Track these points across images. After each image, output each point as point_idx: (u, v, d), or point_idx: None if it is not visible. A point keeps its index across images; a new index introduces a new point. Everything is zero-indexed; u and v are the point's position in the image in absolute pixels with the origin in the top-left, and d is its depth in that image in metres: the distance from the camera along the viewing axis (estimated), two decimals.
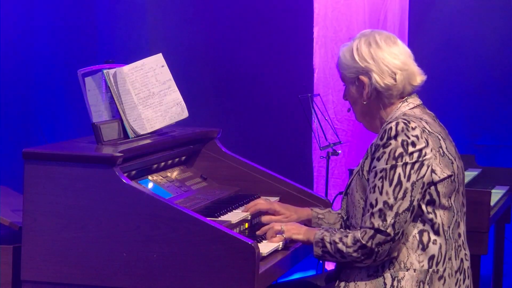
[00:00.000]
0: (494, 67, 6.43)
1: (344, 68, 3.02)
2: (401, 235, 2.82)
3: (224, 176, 3.70)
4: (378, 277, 2.88)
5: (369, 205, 2.84)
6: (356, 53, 2.98)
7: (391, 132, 2.84)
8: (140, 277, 2.90)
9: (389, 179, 2.82)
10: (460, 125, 6.49)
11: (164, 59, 3.48)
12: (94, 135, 3.19)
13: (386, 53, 2.96)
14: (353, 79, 3.00)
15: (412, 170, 2.82)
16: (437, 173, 2.86)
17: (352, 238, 2.84)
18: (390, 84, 2.96)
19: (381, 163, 2.84)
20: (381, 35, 3.01)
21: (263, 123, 6.43)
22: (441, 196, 2.87)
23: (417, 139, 2.84)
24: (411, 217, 2.84)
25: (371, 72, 2.96)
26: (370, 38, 2.99)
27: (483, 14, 6.43)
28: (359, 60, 2.97)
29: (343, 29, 5.70)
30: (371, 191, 2.85)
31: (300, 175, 5.38)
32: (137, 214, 2.91)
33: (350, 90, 3.03)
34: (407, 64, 2.98)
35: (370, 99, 2.99)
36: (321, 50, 5.73)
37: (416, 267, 2.87)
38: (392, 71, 2.95)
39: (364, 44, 2.98)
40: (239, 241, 2.82)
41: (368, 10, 5.75)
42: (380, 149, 2.85)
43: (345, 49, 3.03)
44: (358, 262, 2.87)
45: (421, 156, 2.83)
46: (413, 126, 2.85)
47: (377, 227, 2.81)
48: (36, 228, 2.99)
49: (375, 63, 2.95)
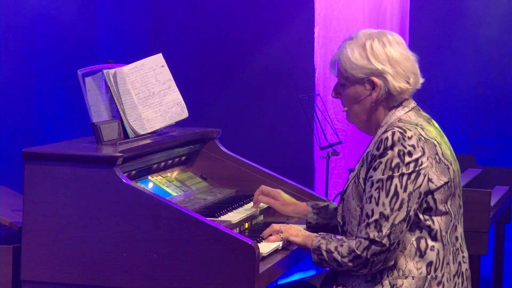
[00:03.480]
0: (494, 67, 6.44)
1: (353, 68, 2.92)
2: (396, 245, 2.81)
3: (224, 176, 3.70)
4: (377, 284, 2.86)
5: (365, 215, 2.82)
6: (371, 53, 2.90)
7: (387, 142, 2.81)
8: (140, 277, 2.90)
9: (386, 190, 2.80)
10: (460, 125, 6.49)
11: (164, 59, 3.48)
12: (94, 135, 3.19)
13: (401, 55, 2.91)
14: (362, 79, 2.92)
15: (409, 181, 2.80)
16: (434, 182, 2.84)
17: (347, 248, 2.83)
18: (404, 88, 2.91)
19: (377, 174, 2.81)
20: (393, 35, 2.95)
21: (263, 123, 6.43)
22: (438, 203, 2.85)
23: (414, 148, 2.81)
24: (407, 227, 2.82)
25: (387, 75, 2.89)
26: (384, 38, 2.92)
27: (483, 15, 6.44)
28: (375, 60, 2.89)
29: (344, 29, 5.70)
30: (367, 201, 2.83)
31: (300, 175, 5.38)
32: (137, 214, 2.91)
33: (355, 90, 2.95)
34: (416, 68, 2.95)
35: (378, 101, 2.94)
36: (321, 50, 5.73)
37: (414, 274, 2.85)
38: (407, 75, 2.91)
39: (379, 44, 2.90)
40: (239, 241, 2.82)
41: (368, 10, 5.75)
42: (377, 159, 2.82)
43: (354, 47, 2.93)
44: (354, 271, 2.86)
45: (417, 165, 2.80)
46: (409, 135, 2.81)
47: (372, 238, 2.79)
48: (36, 228, 2.99)
49: (391, 66, 2.89)
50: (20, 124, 5.43)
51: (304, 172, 5.86)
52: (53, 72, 5.64)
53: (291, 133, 6.34)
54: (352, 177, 2.96)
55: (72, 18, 5.77)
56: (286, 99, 6.19)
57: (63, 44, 5.70)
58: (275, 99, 6.35)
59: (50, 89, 5.64)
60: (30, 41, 5.49)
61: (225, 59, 6.46)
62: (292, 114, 6.07)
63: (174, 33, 6.44)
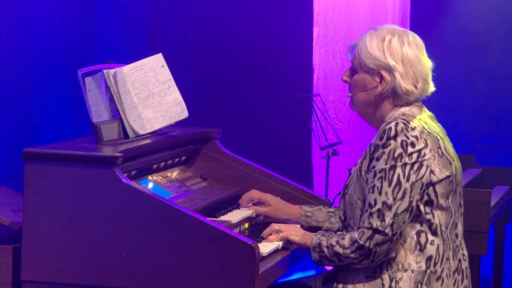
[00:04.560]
0: (494, 67, 6.44)
1: (367, 56, 2.93)
2: (399, 235, 2.82)
3: (224, 176, 3.70)
4: (376, 278, 2.87)
5: (368, 205, 2.83)
6: (388, 47, 2.91)
7: (390, 132, 2.83)
8: (140, 277, 2.90)
9: (388, 180, 2.81)
10: (460, 125, 6.49)
11: (164, 59, 3.48)
12: (94, 135, 3.19)
13: (416, 58, 2.92)
14: (372, 70, 2.94)
15: (412, 171, 2.81)
16: (436, 174, 2.85)
17: (350, 239, 2.84)
18: (410, 90, 2.92)
19: (380, 163, 2.83)
20: (415, 38, 2.96)
21: (263, 123, 6.43)
22: (439, 197, 2.87)
23: (417, 139, 2.83)
24: (409, 218, 2.83)
25: (396, 72, 2.91)
26: (404, 37, 2.93)
27: (484, 15, 6.44)
28: (389, 56, 2.91)
29: (343, 29, 5.70)
30: (370, 191, 2.84)
31: (300, 175, 5.39)
32: (137, 214, 2.91)
33: (363, 78, 2.96)
34: (428, 75, 2.95)
35: (382, 95, 2.96)
36: (321, 50, 5.73)
37: (414, 268, 2.86)
38: (416, 78, 2.92)
39: (398, 42, 2.92)
40: (239, 241, 2.82)
41: (369, 10, 5.75)
42: (380, 149, 2.84)
43: (374, 37, 2.94)
44: (355, 264, 2.86)
45: (420, 156, 2.82)
46: (412, 126, 2.84)
47: (375, 227, 2.80)
48: (36, 228, 2.99)
49: (403, 65, 2.91)
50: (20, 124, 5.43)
51: (304, 172, 5.86)
52: (53, 72, 5.64)
53: (291, 133, 6.34)
54: (354, 171, 2.98)
55: (72, 18, 5.77)
56: (285, 99, 6.19)
57: (63, 44, 5.70)
58: (275, 99, 6.35)
59: (50, 89, 5.64)
60: (30, 41, 5.49)
61: (225, 59, 6.46)
62: (292, 114, 6.07)
63: (174, 33, 6.44)
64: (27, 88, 5.50)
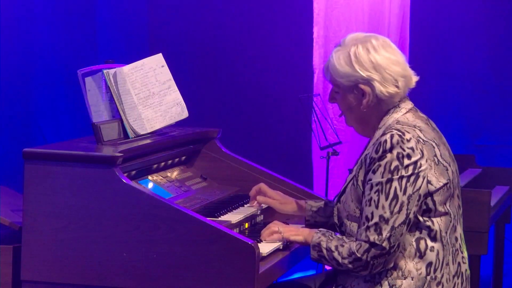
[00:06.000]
0: (494, 67, 6.44)
1: (340, 76, 2.92)
2: (396, 247, 2.81)
3: (224, 176, 3.70)
4: (376, 284, 2.86)
5: (365, 218, 2.82)
6: (356, 61, 2.88)
7: (386, 145, 2.81)
8: (140, 277, 2.90)
9: (385, 193, 2.80)
10: (460, 125, 6.49)
11: (164, 59, 3.48)
12: (94, 135, 3.19)
13: (387, 60, 2.88)
14: (351, 87, 2.92)
15: (408, 183, 2.79)
16: (433, 183, 2.84)
17: (348, 249, 2.83)
18: (394, 92, 2.90)
19: (376, 176, 2.81)
20: (378, 40, 2.92)
21: (263, 123, 6.43)
22: (438, 204, 2.85)
23: (412, 151, 2.80)
24: (407, 229, 2.82)
25: (374, 82, 2.88)
26: (368, 44, 2.89)
27: (483, 15, 6.44)
28: (360, 69, 2.88)
29: (343, 30, 5.69)
30: (367, 204, 2.82)
31: (300, 175, 5.38)
32: (137, 214, 2.91)
33: (347, 98, 2.94)
34: (406, 70, 2.92)
35: (370, 107, 2.93)
36: (321, 50, 5.72)
37: (414, 275, 2.85)
38: (395, 78, 2.89)
39: (363, 51, 2.88)
40: (239, 241, 2.82)
41: (368, 10, 5.74)
42: (376, 162, 2.82)
43: (340, 56, 2.92)
44: (354, 273, 2.86)
45: (416, 168, 2.80)
46: (408, 137, 2.81)
47: (372, 241, 2.79)
48: (36, 228, 2.99)
49: (377, 72, 2.87)
50: (20, 124, 5.43)
51: (304, 172, 5.86)
52: (53, 72, 5.64)
53: (291, 133, 6.34)
54: (350, 178, 2.96)
55: (72, 18, 5.77)
56: (285, 99, 6.19)
57: (63, 44, 5.70)
58: (275, 99, 6.35)
59: (50, 89, 5.65)
60: (30, 41, 5.49)
61: (225, 59, 6.46)
62: (292, 114, 6.07)
63: (174, 33, 6.44)
64: (27, 88, 5.50)
